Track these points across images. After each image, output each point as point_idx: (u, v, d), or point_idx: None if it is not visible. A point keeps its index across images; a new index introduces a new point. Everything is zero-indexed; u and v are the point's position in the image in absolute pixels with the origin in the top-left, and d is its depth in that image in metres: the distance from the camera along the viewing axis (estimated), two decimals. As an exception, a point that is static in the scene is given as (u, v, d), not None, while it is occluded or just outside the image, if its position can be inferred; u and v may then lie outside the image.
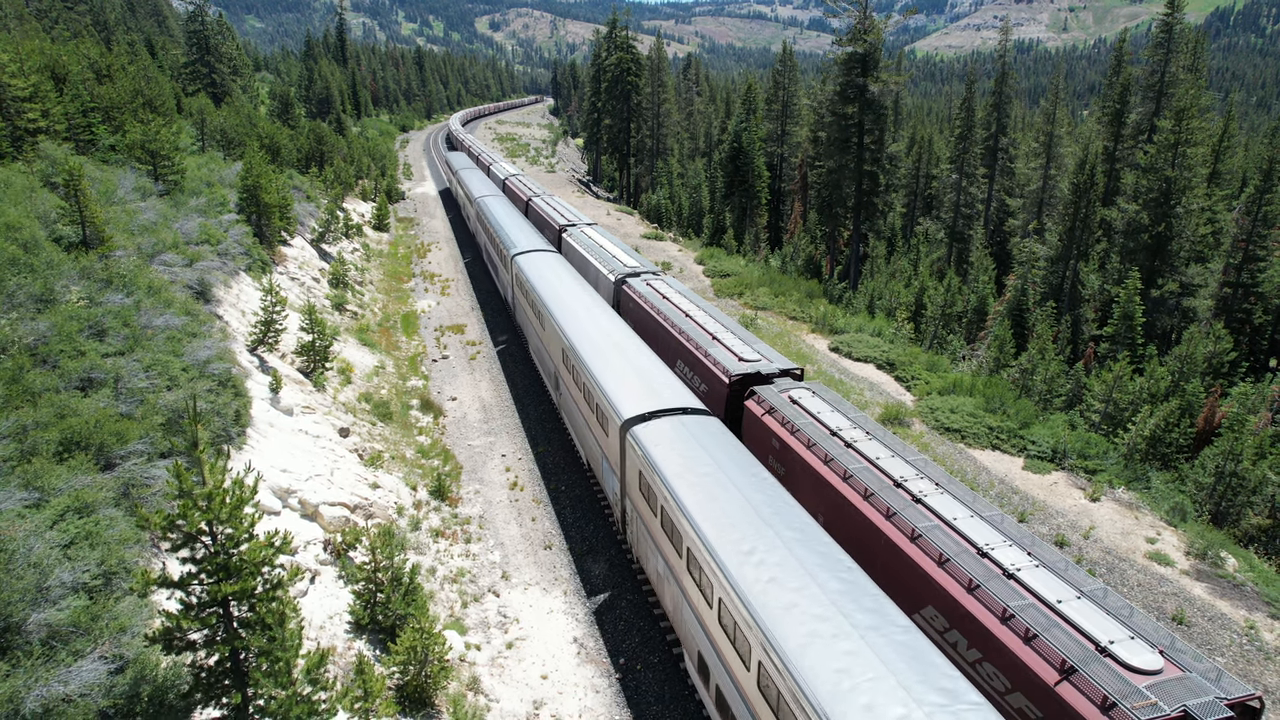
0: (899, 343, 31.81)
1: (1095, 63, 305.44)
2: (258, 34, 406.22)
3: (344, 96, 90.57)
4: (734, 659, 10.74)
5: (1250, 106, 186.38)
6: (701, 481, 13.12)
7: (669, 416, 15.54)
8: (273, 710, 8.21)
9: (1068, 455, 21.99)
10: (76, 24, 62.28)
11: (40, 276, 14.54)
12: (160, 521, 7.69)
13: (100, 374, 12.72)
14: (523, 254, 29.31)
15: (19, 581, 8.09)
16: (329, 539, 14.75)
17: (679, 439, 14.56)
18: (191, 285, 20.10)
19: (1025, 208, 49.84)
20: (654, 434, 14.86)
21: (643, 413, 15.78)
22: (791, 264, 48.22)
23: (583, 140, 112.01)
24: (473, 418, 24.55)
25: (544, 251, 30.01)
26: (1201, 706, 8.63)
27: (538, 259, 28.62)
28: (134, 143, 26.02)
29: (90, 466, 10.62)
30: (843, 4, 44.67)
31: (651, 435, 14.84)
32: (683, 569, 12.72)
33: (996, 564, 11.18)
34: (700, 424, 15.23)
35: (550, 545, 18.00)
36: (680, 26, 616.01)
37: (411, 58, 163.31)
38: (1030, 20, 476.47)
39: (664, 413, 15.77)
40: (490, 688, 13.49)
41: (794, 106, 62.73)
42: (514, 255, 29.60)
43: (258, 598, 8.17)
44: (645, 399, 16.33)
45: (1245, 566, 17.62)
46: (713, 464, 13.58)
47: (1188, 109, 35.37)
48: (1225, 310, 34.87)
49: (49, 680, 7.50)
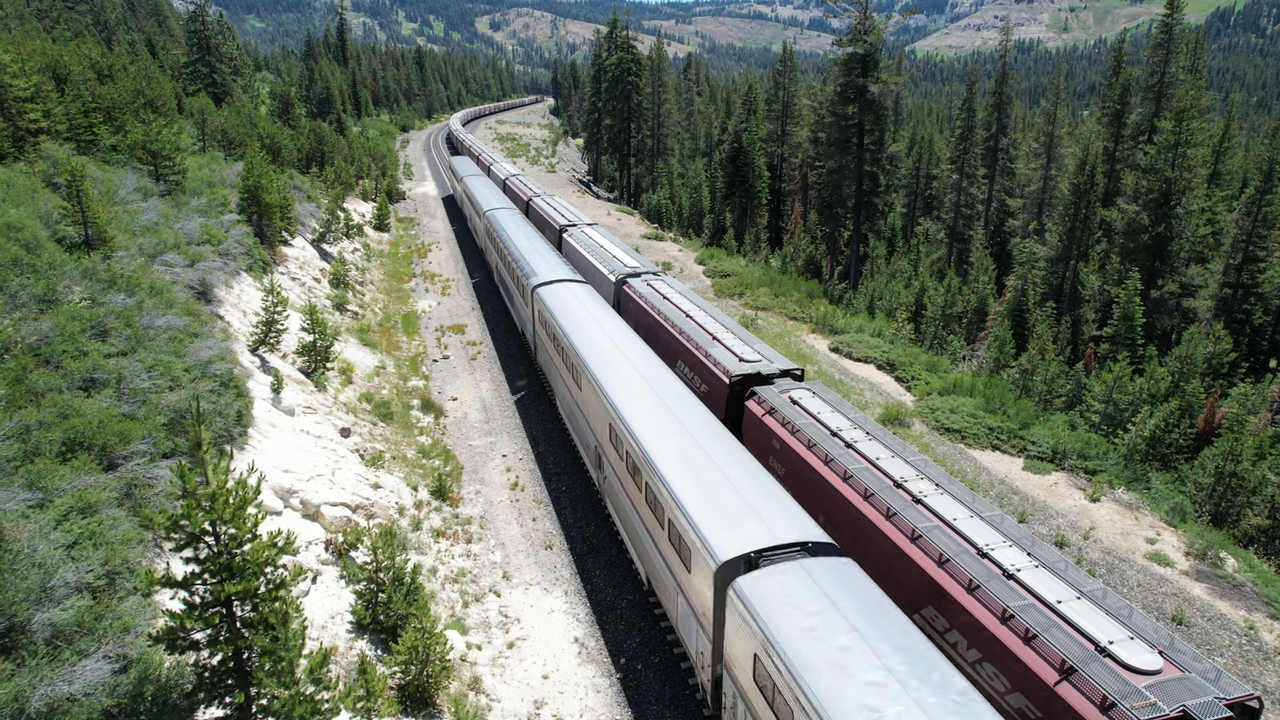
0: (899, 343, 31.84)
1: (1096, 63, 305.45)
2: (258, 34, 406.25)
3: (344, 96, 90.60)
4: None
5: (1250, 107, 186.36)
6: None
7: (786, 562, 10.65)
8: (276, 710, 8.24)
9: (1068, 456, 22.02)
10: (77, 24, 62.34)
11: (43, 277, 14.58)
12: (164, 521, 7.72)
13: (103, 374, 12.75)
14: (545, 285, 24.40)
15: (23, 581, 8.12)
16: (330, 539, 14.78)
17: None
18: (193, 285, 20.14)
19: (1025, 208, 49.84)
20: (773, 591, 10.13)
21: (748, 553, 10.97)
22: (792, 264, 48.25)
23: (583, 140, 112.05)
24: (473, 418, 24.58)
25: (574, 282, 24.44)
26: (1201, 706, 8.66)
27: (571, 299, 22.55)
28: (135, 143, 26.06)
29: (93, 467, 10.65)
30: (843, 4, 44.70)
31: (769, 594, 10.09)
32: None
33: (996, 564, 11.22)
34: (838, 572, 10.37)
35: (551, 545, 18.03)
36: (680, 26, 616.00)
37: (412, 58, 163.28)
38: (1031, 20, 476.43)
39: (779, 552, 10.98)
40: (491, 687, 13.53)
41: (794, 107, 62.74)
42: (535, 287, 24.52)
43: (261, 597, 8.20)
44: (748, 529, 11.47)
45: (1245, 567, 17.65)
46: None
47: (1188, 109, 35.38)
48: (1225, 311, 34.89)
49: (53, 680, 7.54)
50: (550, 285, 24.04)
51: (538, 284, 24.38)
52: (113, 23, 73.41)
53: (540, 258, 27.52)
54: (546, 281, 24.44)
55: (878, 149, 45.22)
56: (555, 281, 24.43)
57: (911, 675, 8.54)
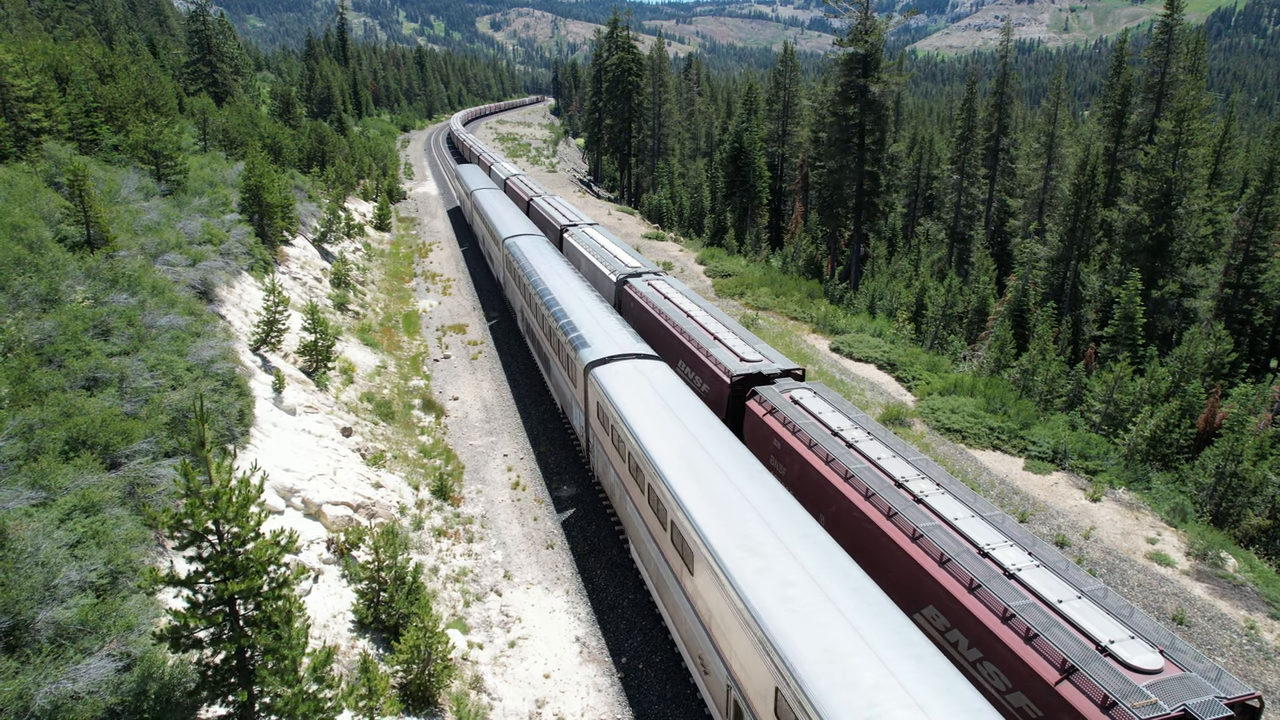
0: (900, 343, 31.85)
1: (1096, 63, 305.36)
2: (259, 33, 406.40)
3: (345, 96, 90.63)
4: None
5: (1251, 107, 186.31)
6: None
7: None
8: (279, 708, 8.26)
9: (1068, 456, 22.03)
10: (78, 23, 62.40)
11: (45, 276, 14.61)
12: (168, 520, 7.74)
13: (105, 373, 12.78)
14: (601, 362, 18.64)
15: (27, 580, 8.14)
16: (332, 538, 14.81)
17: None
18: (195, 285, 20.17)
19: (1026, 208, 49.86)
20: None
21: None
22: (792, 264, 48.27)
23: (584, 140, 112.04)
24: (474, 417, 24.60)
25: (648, 359, 18.84)
26: (1201, 706, 8.68)
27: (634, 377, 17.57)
28: (137, 143, 26.09)
29: (96, 465, 10.68)
30: (844, 4, 44.72)
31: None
32: None
33: (997, 564, 11.24)
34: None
35: (552, 545, 18.05)
36: (681, 26, 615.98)
37: (412, 57, 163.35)
38: (1031, 20, 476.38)
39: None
40: (493, 686, 13.55)
41: (795, 107, 62.76)
42: (590, 365, 18.66)
43: (264, 596, 8.22)
44: None
45: (1245, 567, 17.67)
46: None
47: (1188, 110, 35.39)
48: (1226, 311, 34.90)
49: (57, 678, 7.56)
50: (611, 365, 18.35)
51: (593, 361, 18.62)
52: (113, 22, 73.47)
53: (599, 328, 20.84)
54: (606, 359, 18.74)
55: (878, 149, 45.24)
56: (618, 359, 18.72)
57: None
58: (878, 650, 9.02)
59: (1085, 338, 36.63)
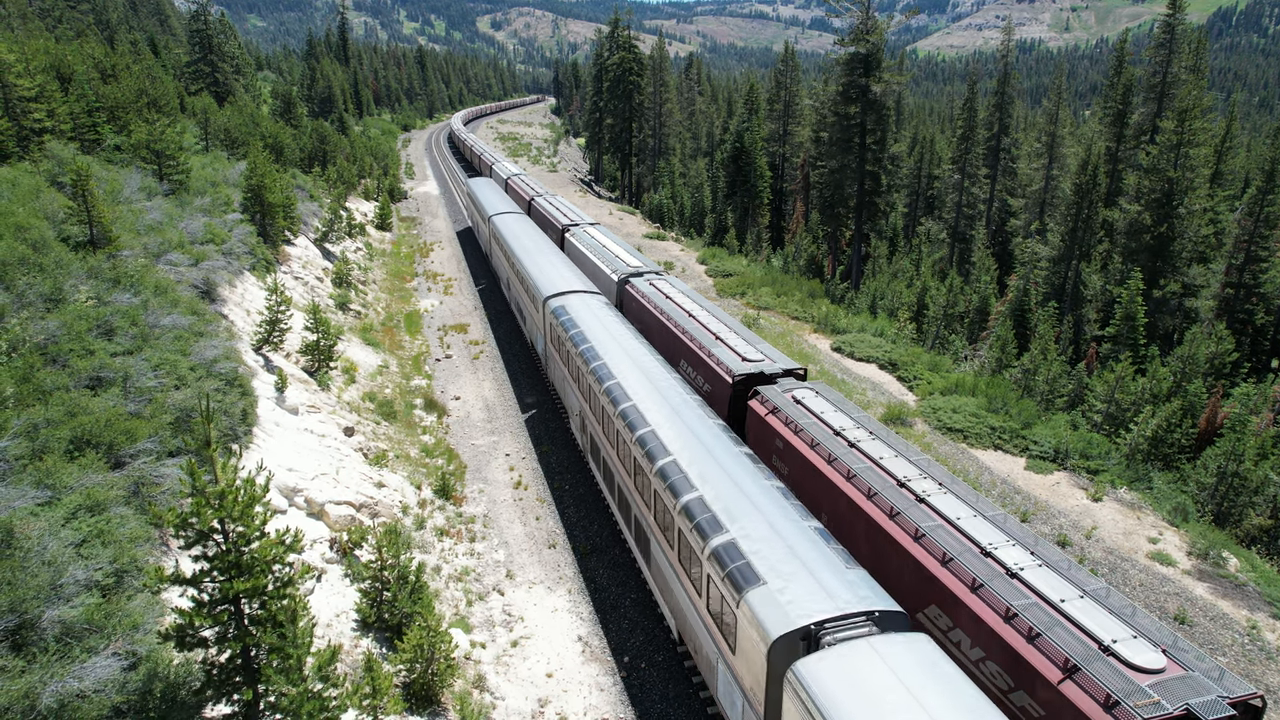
0: (901, 343, 31.86)
1: (1097, 63, 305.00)
2: (259, 33, 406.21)
3: (346, 96, 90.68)
4: None
5: (1253, 107, 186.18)
6: None
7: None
8: (284, 707, 8.28)
9: (1070, 455, 22.04)
10: (79, 23, 62.43)
11: (49, 276, 14.64)
12: (173, 519, 7.76)
13: (109, 373, 12.81)
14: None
15: (33, 579, 8.17)
16: (335, 537, 14.84)
17: None
18: (197, 285, 20.20)
19: (1027, 208, 49.85)
20: None
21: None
22: (794, 264, 48.27)
23: (584, 140, 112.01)
24: (476, 417, 24.62)
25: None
26: (1204, 705, 8.69)
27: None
28: (139, 142, 26.12)
29: (100, 465, 10.71)
30: (845, 4, 44.69)
31: None
32: None
33: (1000, 563, 11.25)
34: None
35: (554, 544, 18.08)
36: (682, 26, 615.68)
37: (413, 57, 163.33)
38: (1032, 20, 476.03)
39: None
40: (496, 685, 13.58)
41: (796, 106, 62.73)
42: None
43: (269, 595, 8.24)
44: None
45: (1247, 567, 17.68)
46: None
47: (1190, 109, 35.37)
48: (1227, 311, 34.90)
49: (64, 676, 7.59)
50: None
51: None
52: (115, 22, 73.51)
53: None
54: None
55: (879, 149, 45.22)
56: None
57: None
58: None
59: (1086, 337, 36.63)
